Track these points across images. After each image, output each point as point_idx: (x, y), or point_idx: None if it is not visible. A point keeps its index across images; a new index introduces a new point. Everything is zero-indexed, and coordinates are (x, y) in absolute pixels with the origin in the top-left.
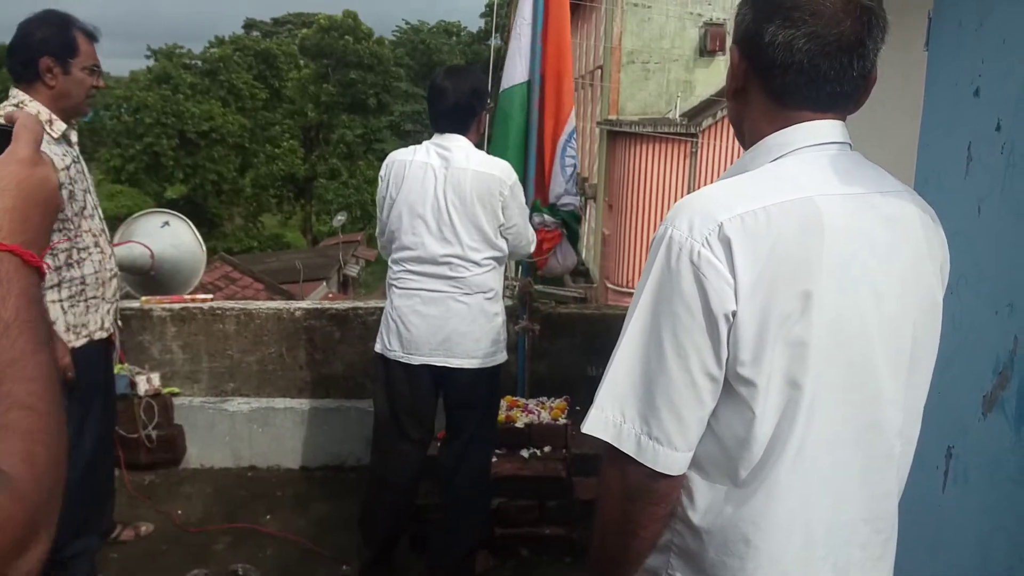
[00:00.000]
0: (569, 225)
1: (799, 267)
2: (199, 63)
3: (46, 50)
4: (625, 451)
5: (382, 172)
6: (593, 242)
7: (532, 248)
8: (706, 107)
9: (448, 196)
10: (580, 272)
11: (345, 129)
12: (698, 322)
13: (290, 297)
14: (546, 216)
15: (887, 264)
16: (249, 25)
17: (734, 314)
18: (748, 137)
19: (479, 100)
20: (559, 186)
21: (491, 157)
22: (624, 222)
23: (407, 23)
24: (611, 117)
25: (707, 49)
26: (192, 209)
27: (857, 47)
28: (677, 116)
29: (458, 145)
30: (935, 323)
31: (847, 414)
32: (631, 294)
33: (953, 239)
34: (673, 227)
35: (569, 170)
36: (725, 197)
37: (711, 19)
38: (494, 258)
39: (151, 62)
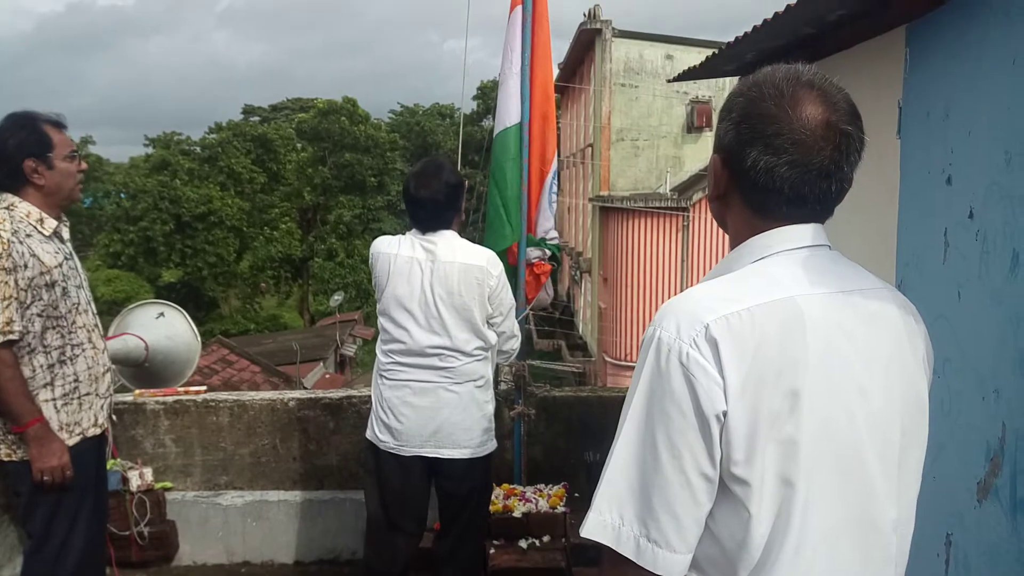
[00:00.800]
0: (556, 257)
1: (785, 366)
2: (198, 149)
3: (25, 153)
4: (624, 554)
5: (370, 260)
6: (590, 316)
7: (517, 346)
8: (696, 181)
9: (436, 290)
10: (578, 346)
11: (342, 210)
12: (690, 422)
13: (287, 379)
14: (545, 248)
15: (870, 360)
16: (248, 111)
17: (725, 414)
18: (731, 235)
19: (456, 194)
20: (547, 220)
21: (476, 247)
22: (620, 295)
23: (402, 106)
24: (603, 193)
25: (694, 125)
26: (189, 292)
27: (836, 172)
28: (667, 191)
29: (443, 238)
30: (922, 417)
31: (842, 511)
32: (630, 368)
33: (936, 323)
34: (661, 328)
35: (554, 206)
36: (710, 299)
37: (697, 97)
38: (483, 347)
39: (150, 150)
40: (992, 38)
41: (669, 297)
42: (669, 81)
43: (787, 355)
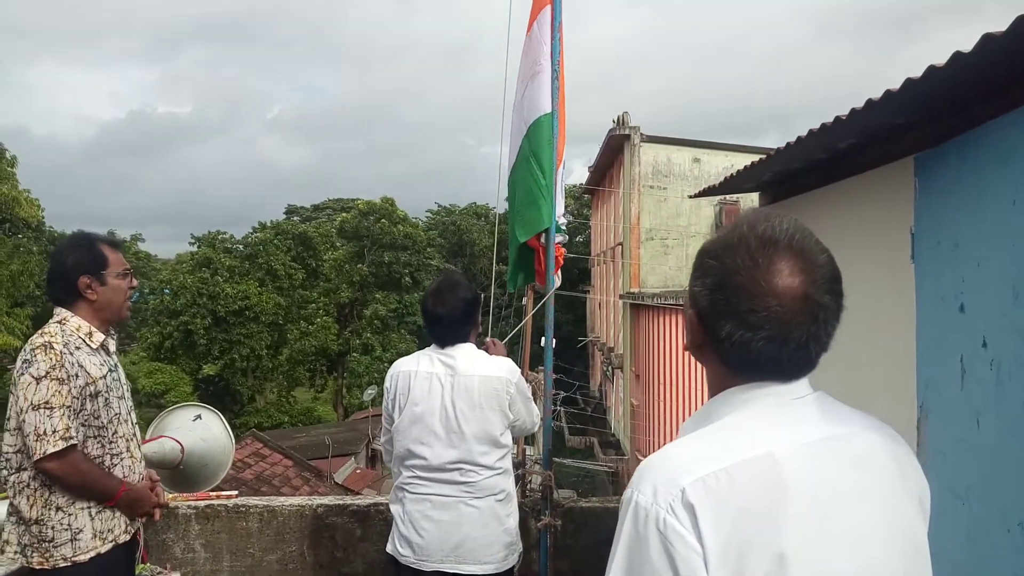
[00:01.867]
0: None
1: (767, 528)
2: (240, 247)
3: (81, 270)
4: None
5: (387, 383)
6: (623, 413)
7: (537, 426)
8: None
9: (456, 404)
10: (611, 444)
11: (379, 305)
12: None
13: (318, 473)
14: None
15: (859, 508)
16: (290, 211)
17: None
18: (709, 384)
19: (473, 309)
20: (560, 205)
21: (494, 358)
22: (652, 392)
23: (439, 205)
24: (633, 290)
25: (723, 225)
26: (226, 386)
27: (815, 344)
28: None
29: (461, 352)
30: (922, 560)
31: None
32: None
33: (956, 448)
34: (639, 492)
35: (562, 193)
36: (686, 458)
37: (725, 198)
38: (503, 459)
39: (195, 248)
40: (992, 178)
41: (700, 395)
42: (691, 196)
43: (769, 516)
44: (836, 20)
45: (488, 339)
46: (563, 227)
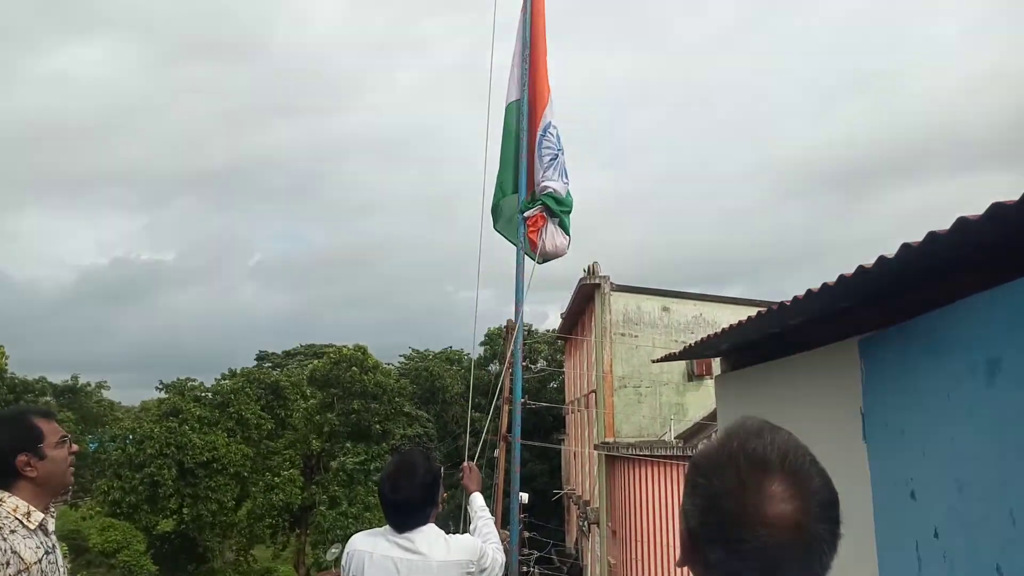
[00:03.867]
0: (550, 207)
1: None
2: (210, 395)
3: (17, 449)
4: None
5: (344, 561)
6: (599, 572)
7: (502, 568)
8: (699, 430)
9: None
10: None
11: (346, 457)
12: None
13: None
14: (538, 204)
15: None
16: (261, 357)
17: None
18: None
19: (432, 491)
20: (537, 172)
21: (455, 539)
22: (629, 550)
23: (413, 350)
24: (608, 439)
25: (695, 374)
26: (183, 543)
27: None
28: (672, 438)
29: (421, 535)
30: None
31: None
32: None
33: None
34: None
35: (547, 159)
36: None
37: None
38: None
39: (163, 394)
40: (928, 369)
41: (680, 553)
42: (654, 361)
43: None
44: (792, 179)
45: (464, 464)
46: (541, 194)
